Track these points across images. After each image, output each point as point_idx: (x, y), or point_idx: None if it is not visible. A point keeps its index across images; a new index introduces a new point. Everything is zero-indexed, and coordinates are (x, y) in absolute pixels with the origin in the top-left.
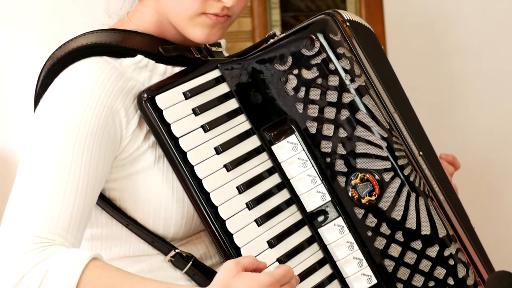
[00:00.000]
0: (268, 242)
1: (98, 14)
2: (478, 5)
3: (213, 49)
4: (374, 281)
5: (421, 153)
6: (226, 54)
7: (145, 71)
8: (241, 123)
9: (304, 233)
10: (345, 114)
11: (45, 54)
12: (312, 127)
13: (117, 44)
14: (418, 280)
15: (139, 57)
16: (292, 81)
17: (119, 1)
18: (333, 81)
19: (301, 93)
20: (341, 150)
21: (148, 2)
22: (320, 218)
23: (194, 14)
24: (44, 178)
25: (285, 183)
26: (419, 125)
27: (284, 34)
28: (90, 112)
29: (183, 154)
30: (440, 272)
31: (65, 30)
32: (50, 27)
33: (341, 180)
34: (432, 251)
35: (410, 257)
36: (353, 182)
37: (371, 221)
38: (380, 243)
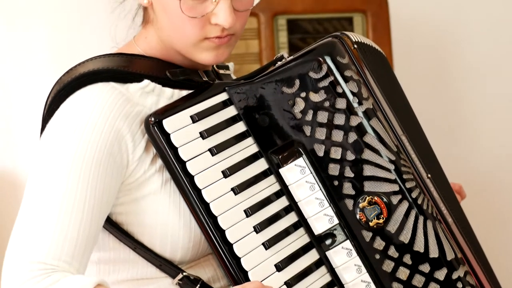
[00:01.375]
0: (275, 265)
1: (106, 35)
2: (484, 28)
3: (221, 71)
4: None
5: (429, 175)
6: (234, 77)
7: (152, 95)
8: (249, 146)
9: (312, 256)
10: (353, 137)
11: (53, 77)
12: (320, 150)
13: (123, 69)
14: None
15: (146, 81)
16: (300, 104)
17: (125, 28)
18: (341, 104)
19: (309, 116)
20: (348, 173)
21: (151, 29)
22: (328, 241)
23: (197, 41)
24: (49, 204)
25: (292, 206)
26: (428, 147)
27: (291, 57)
28: (96, 138)
29: (190, 177)
30: None
31: (73, 52)
32: (58, 50)
33: (349, 203)
34: (440, 274)
35: (418, 280)
36: (361, 205)
37: (379, 244)
38: (388, 266)
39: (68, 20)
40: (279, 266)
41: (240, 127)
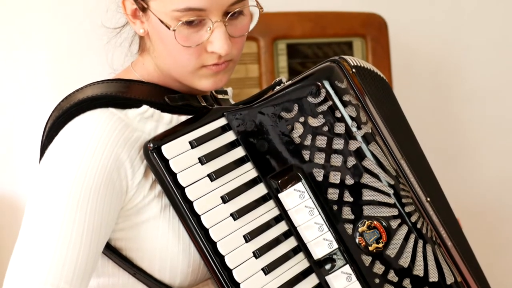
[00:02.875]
0: None
1: (104, 61)
2: (483, 53)
3: (220, 96)
4: None
5: (428, 199)
6: (232, 102)
7: (151, 121)
8: (248, 171)
9: (312, 280)
10: (351, 161)
11: (53, 101)
12: (319, 175)
13: (122, 94)
14: None
15: (145, 107)
16: (299, 129)
17: (122, 55)
18: (340, 128)
19: (308, 141)
20: (348, 198)
21: (148, 57)
22: (328, 266)
23: (194, 69)
24: (48, 231)
25: (292, 231)
26: (429, 170)
27: (290, 82)
28: (95, 165)
29: (189, 203)
30: None
31: (73, 77)
32: (59, 75)
33: (348, 227)
34: None
35: None
36: (360, 230)
37: (379, 268)
38: None
39: (68, 45)
40: None
41: (239, 152)
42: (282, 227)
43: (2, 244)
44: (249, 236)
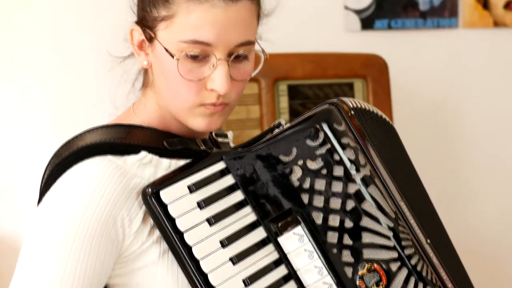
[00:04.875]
0: None
1: (106, 103)
2: (484, 95)
3: (219, 139)
4: None
5: (428, 240)
6: (232, 145)
7: (149, 167)
8: (247, 215)
9: None
10: (351, 204)
11: (54, 144)
12: (318, 218)
13: (121, 141)
14: None
15: (143, 153)
16: (297, 172)
17: (124, 93)
18: (338, 171)
19: (306, 184)
20: (347, 241)
21: (149, 95)
22: None
23: (192, 106)
24: (39, 277)
25: (292, 275)
26: (431, 210)
27: (288, 125)
28: (90, 214)
29: (188, 248)
30: None
31: (75, 119)
32: (60, 118)
33: (348, 270)
34: None
35: None
36: (360, 273)
37: None
38: None
39: (71, 85)
40: None
41: (237, 196)
42: (281, 270)
43: (2, 285)
44: (249, 281)
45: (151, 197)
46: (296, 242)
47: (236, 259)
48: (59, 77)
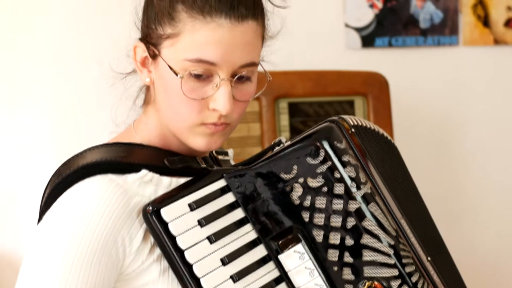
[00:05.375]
0: None
1: (107, 120)
2: (485, 113)
3: (220, 157)
4: None
5: (429, 258)
6: (233, 163)
7: (150, 185)
8: (248, 233)
9: None
10: (351, 222)
11: (55, 159)
12: (319, 236)
13: (122, 159)
14: None
15: (144, 172)
16: (298, 190)
17: (125, 110)
18: (339, 189)
19: (307, 202)
20: (348, 258)
21: (150, 112)
22: None
23: (193, 125)
24: None
25: None
26: (432, 227)
27: (289, 143)
28: (90, 234)
29: (189, 266)
30: None
31: (76, 137)
32: (62, 134)
33: None
34: None
35: None
36: None
37: None
38: None
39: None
40: None
41: (238, 213)
42: None
43: None
44: None
45: (152, 215)
46: (297, 260)
47: (236, 277)
48: (60, 93)
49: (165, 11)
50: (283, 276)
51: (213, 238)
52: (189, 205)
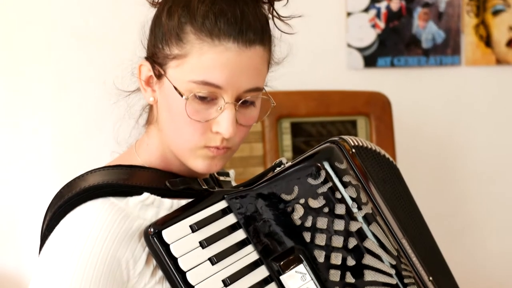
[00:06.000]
0: None
1: (109, 139)
2: (487, 133)
3: (221, 178)
4: None
5: (431, 278)
6: (234, 184)
7: (152, 207)
8: (249, 254)
9: None
10: (353, 242)
11: (56, 179)
12: (320, 256)
13: (123, 182)
14: None
15: (145, 195)
16: (299, 211)
17: (128, 129)
18: (340, 209)
19: (308, 222)
20: (349, 279)
21: (153, 133)
22: None
23: (195, 147)
24: None
25: None
26: (433, 247)
27: (290, 163)
28: (95, 258)
29: None
30: None
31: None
32: (63, 156)
33: None
34: None
35: None
36: None
37: None
38: None
39: (73, 121)
40: None
41: (239, 235)
42: None
43: None
44: None
45: (153, 236)
46: (299, 281)
47: None
48: (61, 112)
49: (173, 31)
50: None
51: (214, 259)
52: (191, 226)
